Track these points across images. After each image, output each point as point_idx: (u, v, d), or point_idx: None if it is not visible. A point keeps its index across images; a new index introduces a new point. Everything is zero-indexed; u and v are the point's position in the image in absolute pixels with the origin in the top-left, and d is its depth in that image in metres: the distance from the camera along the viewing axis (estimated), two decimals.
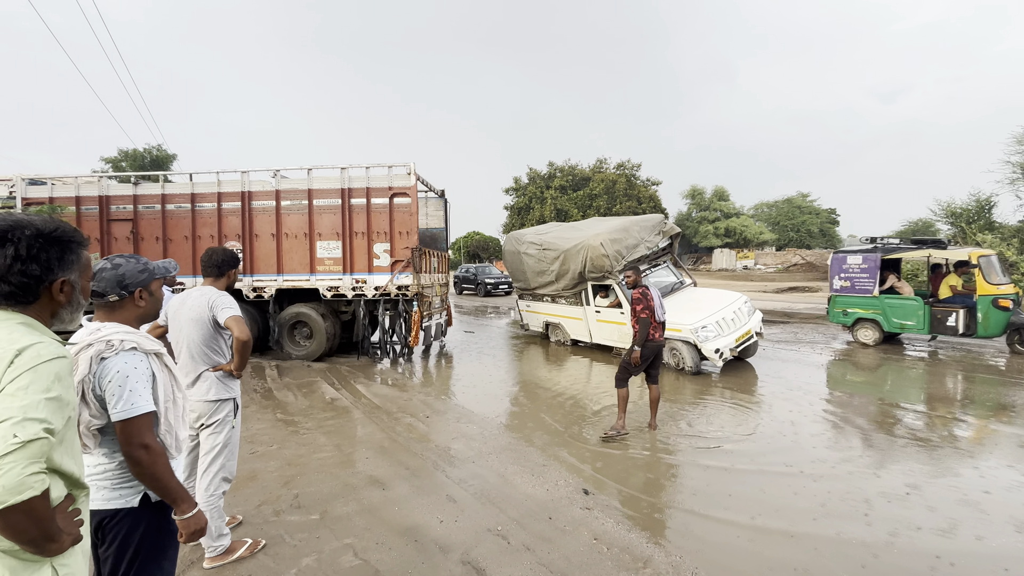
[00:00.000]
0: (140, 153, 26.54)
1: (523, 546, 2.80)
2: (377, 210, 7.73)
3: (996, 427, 4.64)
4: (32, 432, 0.98)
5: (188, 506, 1.56)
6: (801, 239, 43.23)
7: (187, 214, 7.95)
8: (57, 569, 1.11)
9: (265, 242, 7.90)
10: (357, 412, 5.35)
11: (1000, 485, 3.45)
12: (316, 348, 7.88)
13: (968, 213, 18.64)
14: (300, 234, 7.84)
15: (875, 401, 5.39)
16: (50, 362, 1.06)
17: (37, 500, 0.98)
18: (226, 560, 2.61)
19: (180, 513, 1.56)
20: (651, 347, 4.48)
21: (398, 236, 7.72)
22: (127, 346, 1.53)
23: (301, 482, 3.65)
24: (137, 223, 8.00)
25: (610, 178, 29.94)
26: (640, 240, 7.92)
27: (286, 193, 7.85)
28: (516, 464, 3.92)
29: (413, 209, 7.68)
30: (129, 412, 1.45)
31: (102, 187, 8.04)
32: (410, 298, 7.72)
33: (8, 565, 1.04)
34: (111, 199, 8.04)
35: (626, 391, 4.50)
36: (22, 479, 0.95)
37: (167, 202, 7.98)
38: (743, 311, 7.11)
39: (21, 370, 1.02)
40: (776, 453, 4.04)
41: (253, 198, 7.88)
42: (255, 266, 7.93)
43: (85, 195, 8.03)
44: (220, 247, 2.82)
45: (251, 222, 7.88)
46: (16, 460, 0.95)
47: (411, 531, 2.97)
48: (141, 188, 8.04)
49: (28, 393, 1.00)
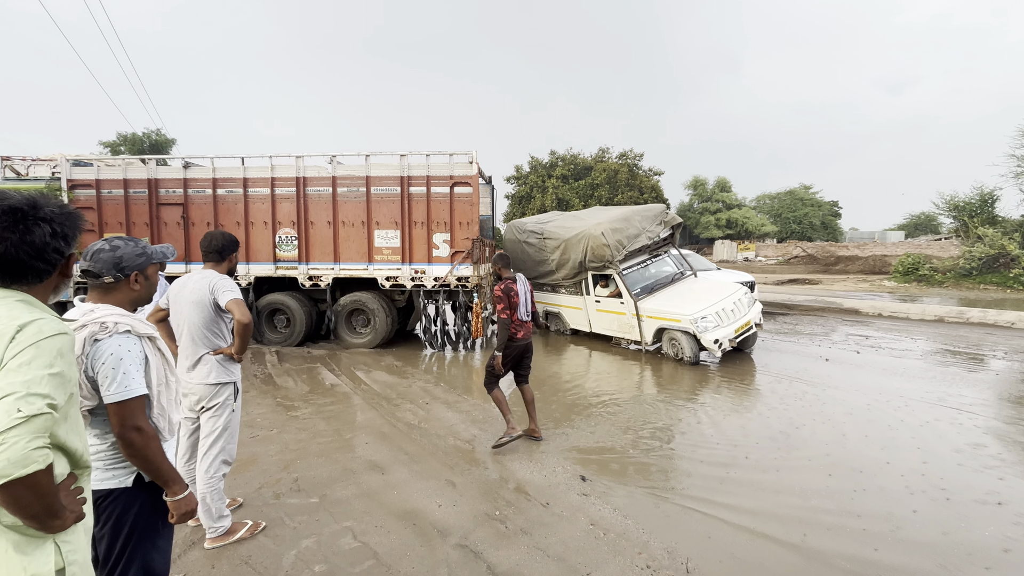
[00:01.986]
0: (139, 137, 26.30)
1: (520, 530, 2.83)
2: (437, 199, 7.59)
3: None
4: (36, 407, 0.98)
5: (179, 488, 1.58)
6: (803, 231, 43.07)
7: (239, 199, 7.80)
8: (60, 546, 1.12)
9: (321, 230, 7.78)
10: (357, 398, 5.38)
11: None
12: (375, 336, 7.84)
13: (971, 207, 18.53)
14: (357, 222, 7.72)
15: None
16: (52, 338, 1.06)
17: (41, 474, 0.99)
18: (227, 541, 2.64)
19: (171, 494, 1.57)
20: (515, 347, 4.08)
21: (458, 226, 7.59)
22: (121, 329, 1.53)
23: (301, 466, 3.68)
24: (188, 208, 7.85)
25: (612, 168, 29.73)
26: (641, 230, 7.88)
27: (343, 180, 7.70)
28: (515, 451, 3.95)
29: (475, 199, 7.55)
30: (123, 394, 1.46)
31: (150, 170, 7.89)
32: (470, 289, 7.67)
33: (12, 540, 1.06)
34: (160, 182, 7.87)
35: (499, 392, 4.13)
36: (26, 453, 0.96)
37: (218, 187, 7.81)
38: (743, 302, 7.10)
39: (23, 345, 1.02)
40: (783, 448, 4.06)
41: (308, 184, 7.72)
42: (311, 254, 7.81)
43: (133, 177, 7.86)
44: (219, 231, 2.81)
45: (306, 209, 7.74)
46: (20, 434, 0.95)
47: (410, 515, 3.00)
48: (192, 172, 7.88)
49: (31, 368, 1.01)
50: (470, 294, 7.71)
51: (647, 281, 7.75)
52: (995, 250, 16.50)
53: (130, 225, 7.86)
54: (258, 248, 7.85)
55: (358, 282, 7.94)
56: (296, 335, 7.86)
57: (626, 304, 7.42)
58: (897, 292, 15.50)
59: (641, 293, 7.43)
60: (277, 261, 7.84)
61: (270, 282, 8.04)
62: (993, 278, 16.11)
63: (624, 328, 7.65)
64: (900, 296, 14.35)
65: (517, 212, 31.30)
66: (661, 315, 6.99)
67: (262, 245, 7.84)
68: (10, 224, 1.11)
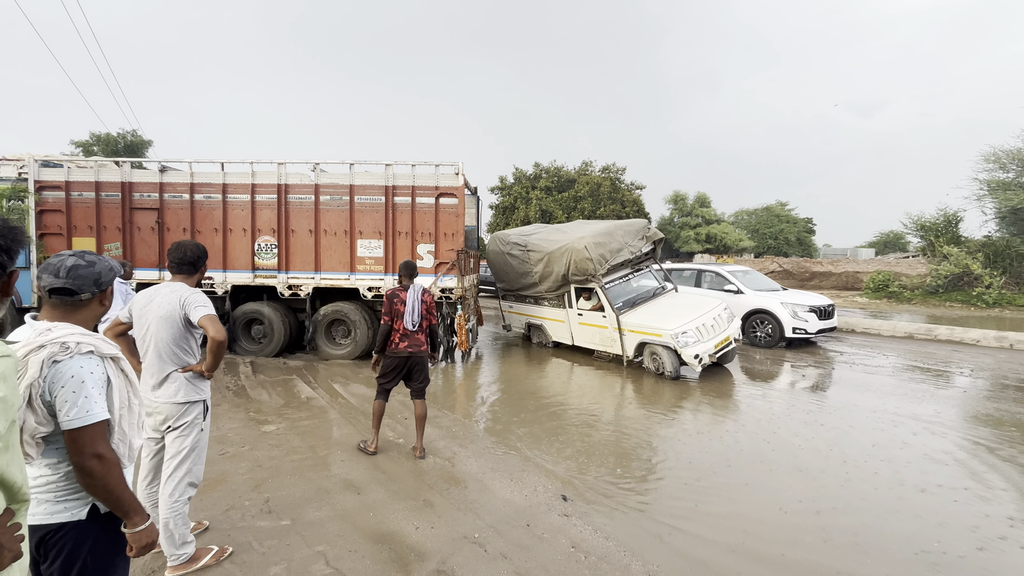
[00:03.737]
0: (113, 138, 25.56)
1: (500, 554, 2.76)
2: (422, 210, 7.51)
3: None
4: None
5: (140, 518, 1.48)
6: (779, 247, 44.18)
7: (218, 205, 7.57)
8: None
9: (302, 238, 7.61)
10: (333, 412, 5.23)
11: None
12: (355, 348, 7.67)
13: (936, 227, 19.27)
14: (340, 231, 7.57)
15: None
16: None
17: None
18: (190, 569, 2.49)
19: (131, 526, 1.47)
20: (395, 358, 3.98)
21: (443, 237, 7.51)
22: (84, 349, 1.43)
23: (272, 485, 3.54)
24: (163, 213, 7.59)
25: (595, 181, 30.10)
26: (624, 244, 7.94)
27: (326, 188, 7.56)
28: (495, 469, 3.88)
29: (460, 210, 7.48)
30: (83, 420, 1.36)
31: (124, 173, 7.62)
32: (454, 301, 7.58)
33: None
34: (134, 186, 7.61)
35: (377, 404, 4.10)
36: None
37: (196, 192, 7.58)
38: (722, 317, 7.20)
39: None
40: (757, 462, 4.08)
41: (290, 191, 7.56)
42: (291, 262, 7.63)
43: (106, 180, 7.58)
44: (191, 240, 2.70)
45: (287, 217, 7.57)
46: None
47: (386, 538, 2.90)
48: (168, 176, 7.65)
49: None
50: (454, 306, 7.63)
51: (629, 295, 7.79)
52: (960, 269, 17.15)
53: (100, 229, 7.58)
54: (236, 256, 7.65)
55: (339, 292, 7.80)
56: (274, 346, 7.65)
57: (608, 318, 7.44)
58: (869, 308, 15.95)
59: (623, 307, 7.46)
60: (256, 269, 7.65)
61: (248, 290, 7.83)
62: (958, 296, 16.73)
63: (606, 341, 7.66)
64: (872, 312, 14.77)
65: (501, 223, 31.37)
66: (643, 329, 7.02)
67: (240, 253, 7.64)
68: None
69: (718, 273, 10.18)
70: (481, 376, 7.07)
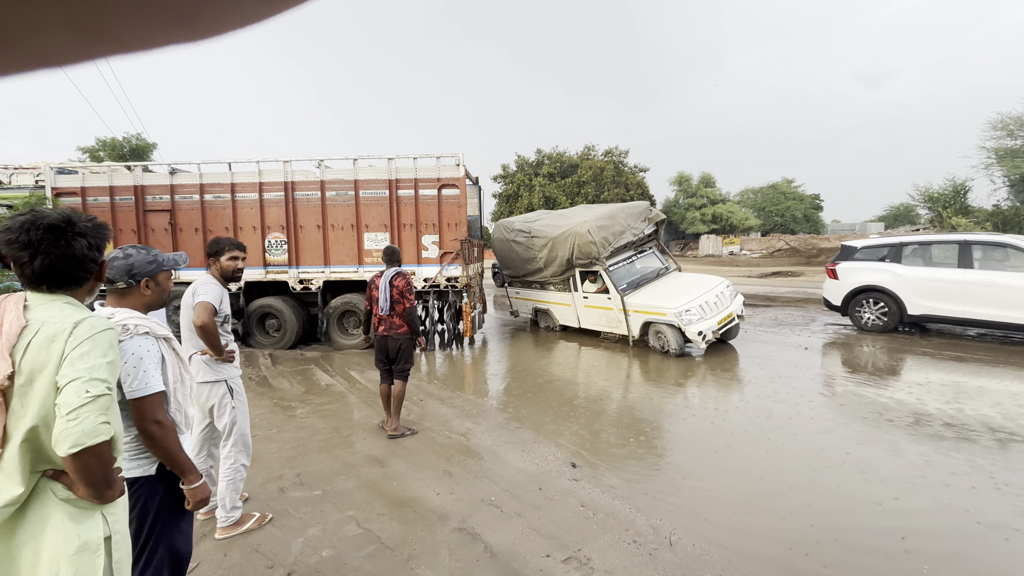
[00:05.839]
0: (119, 142, 25.95)
1: (515, 513, 3.01)
2: (425, 201, 7.74)
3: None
4: (99, 389, 1.13)
5: (196, 477, 1.72)
6: (786, 224, 43.86)
7: (227, 204, 7.86)
8: (106, 517, 1.27)
9: (310, 233, 7.88)
10: (352, 397, 5.51)
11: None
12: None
13: (944, 198, 19.14)
14: (347, 225, 7.84)
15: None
16: (104, 332, 1.21)
17: (105, 445, 1.14)
18: (236, 531, 2.78)
19: (187, 483, 1.71)
20: (377, 341, 4.34)
21: (447, 228, 7.75)
22: (140, 331, 1.67)
23: (302, 462, 3.81)
24: (175, 214, 7.90)
25: (598, 165, 30.05)
26: (626, 227, 8.10)
27: (331, 184, 7.81)
28: (508, 442, 4.13)
29: (462, 201, 7.71)
30: (143, 391, 1.60)
31: (136, 176, 7.93)
32: (459, 289, 7.83)
33: (67, 511, 1.20)
34: (147, 189, 7.91)
35: (383, 387, 4.39)
36: (96, 426, 1.11)
37: (206, 192, 7.87)
38: (725, 295, 7.35)
39: (81, 339, 1.17)
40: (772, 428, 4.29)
41: (297, 188, 7.82)
42: (300, 258, 7.91)
43: (119, 184, 7.91)
44: (225, 236, 2.97)
45: (295, 213, 7.85)
46: (90, 411, 1.10)
47: (410, 503, 3.16)
48: (178, 178, 7.94)
49: (90, 357, 1.15)
50: (459, 294, 7.86)
51: (633, 277, 7.97)
52: None
53: (117, 232, 7.88)
54: (248, 253, 7.92)
55: (349, 284, 8.06)
56: (288, 339, 7.95)
57: (613, 299, 7.63)
58: None
59: (627, 288, 7.64)
60: (267, 265, 7.91)
61: (260, 286, 8.11)
62: None
63: (612, 323, 7.86)
64: None
65: (505, 211, 31.47)
66: (647, 309, 7.21)
67: (251, 250, 7.90)
68: (53, 240, 1.25)
69: (1006, 245, 6.71)
70: (491, 359, 7.32)
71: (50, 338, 1.18)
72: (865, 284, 7.93)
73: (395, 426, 4.31)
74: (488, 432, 4.35)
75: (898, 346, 7.02)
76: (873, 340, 7.47)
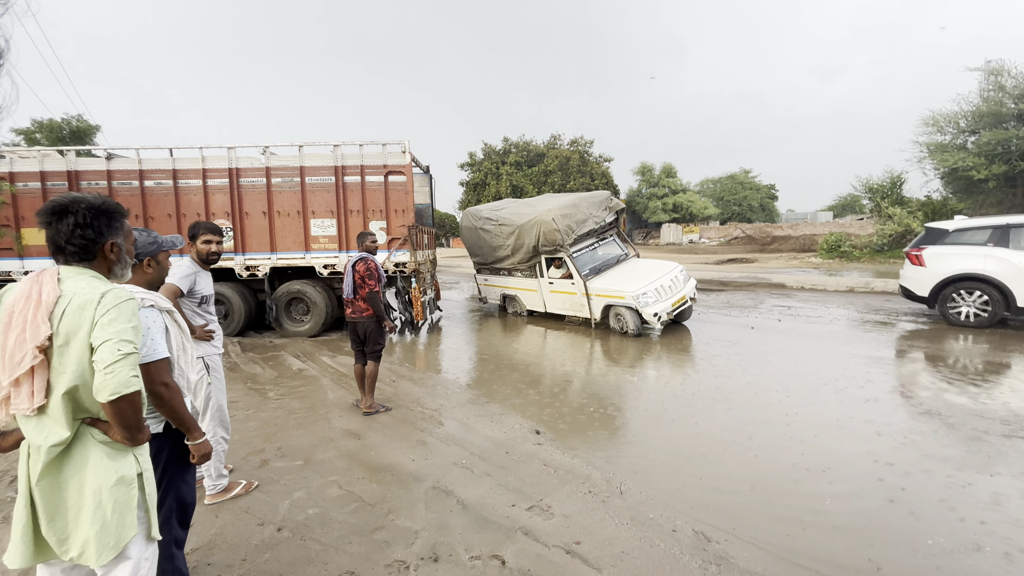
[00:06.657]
0: (57, 124, 24.39)
1: (484, 473, 3.33)
2: (372, 188, 7.84)
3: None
4: (128, 348, 1.36)
5: (199, 433, 1.95)
6: (743, 213, 45.82)
7: (169, 191, 7.74)
8: (137, 456, 1.50)
9: (256, 220, 7.86)
10: (325, 379, 5.69)
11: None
12: (316, 324, 8.04)
13: (883, 189, 20.56)
14: (293, 212, 7.85)
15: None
16: (127, 301, 1.43)
17: (136, 395, 1.37)
18: (225, 497, 2.99)
19: (192, 439, 1.94)
20: (348, 324, 4.59)
21: (394, 214, 7.88)
22: (146, 304, 1.87)
23: (282, 437, 4.02)
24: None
25: (564, 155, 30.49)
26: (589, 215, 8.49)
27: (276, 170, 7.79)
28: (478, 415, 4.44)
29: (408, 187, 7.84)
30: (151, 356, 1.81)
31: (70, 162, 7.67)
32: (408, 275, 7.97)
33: (104, 451, 1.43)
34: (81, 174, 7.68)
35: (357, 367, 4.65)
36: (128, 378, 1.33)
37: (146, 178, 7.71)
38: (679, 279, 7.87)
39: (108, 307, 1.38)
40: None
41: (241, 175, 7.77)
42: (247, 244, 7.88)
43: (51, 170, 7.65)
44: (204, 221, 3.10)
45: (240, 200, 7.80)
46: (123, 366, 1.33)
47: (387, 468, 3.44)
48: (116, 163, 7.73)
49: (118, 322, 1.37)
50: (408, 279, 8.08)
51: (595, 263, 8.39)
52: (902, 227, 18.49)
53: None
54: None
55: (297, 271, 8.14)
56: (235, 325, 7.95)
57: (576, 284, 8.03)
58: (821, 267, 17.11)
59: (590, 274, 8.06)
60: None
61: None
62: (901, 253, 18.07)
63: (575, 307, 8.28)
64: (824, 271, 15.89)
65: (472, 199, 31.53)
66: (608, 293, 7.65)
67: None
68: (55, 218, 1.45)
69: None
70: (461, 342, 7.60)
71: (81, 306, 1.38)
72: (963, 272, 6.82)
73: (369, 403, 4.55)
74: (459, 407, 4.65)
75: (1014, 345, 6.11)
76: (966, 335, 6.68)
